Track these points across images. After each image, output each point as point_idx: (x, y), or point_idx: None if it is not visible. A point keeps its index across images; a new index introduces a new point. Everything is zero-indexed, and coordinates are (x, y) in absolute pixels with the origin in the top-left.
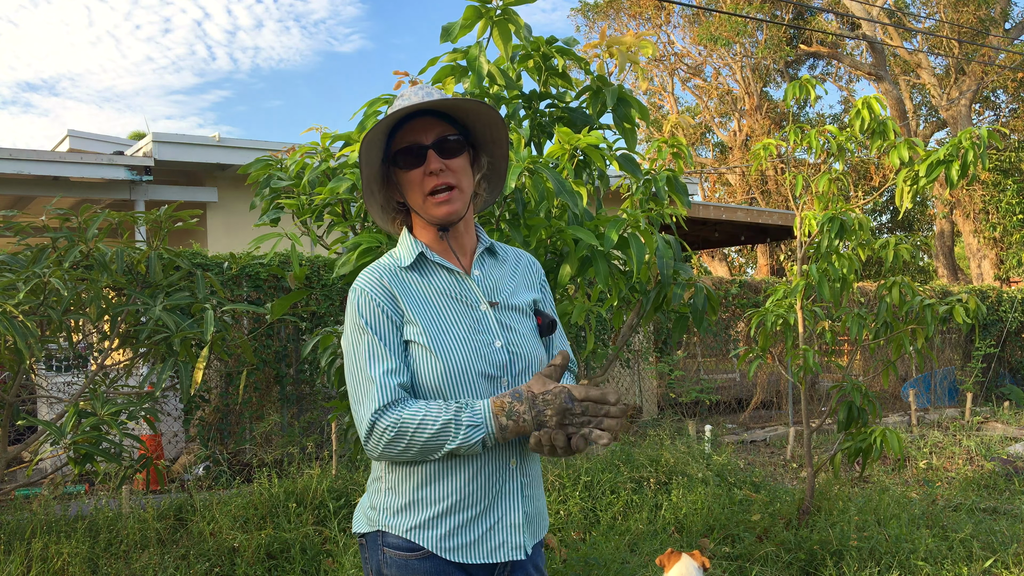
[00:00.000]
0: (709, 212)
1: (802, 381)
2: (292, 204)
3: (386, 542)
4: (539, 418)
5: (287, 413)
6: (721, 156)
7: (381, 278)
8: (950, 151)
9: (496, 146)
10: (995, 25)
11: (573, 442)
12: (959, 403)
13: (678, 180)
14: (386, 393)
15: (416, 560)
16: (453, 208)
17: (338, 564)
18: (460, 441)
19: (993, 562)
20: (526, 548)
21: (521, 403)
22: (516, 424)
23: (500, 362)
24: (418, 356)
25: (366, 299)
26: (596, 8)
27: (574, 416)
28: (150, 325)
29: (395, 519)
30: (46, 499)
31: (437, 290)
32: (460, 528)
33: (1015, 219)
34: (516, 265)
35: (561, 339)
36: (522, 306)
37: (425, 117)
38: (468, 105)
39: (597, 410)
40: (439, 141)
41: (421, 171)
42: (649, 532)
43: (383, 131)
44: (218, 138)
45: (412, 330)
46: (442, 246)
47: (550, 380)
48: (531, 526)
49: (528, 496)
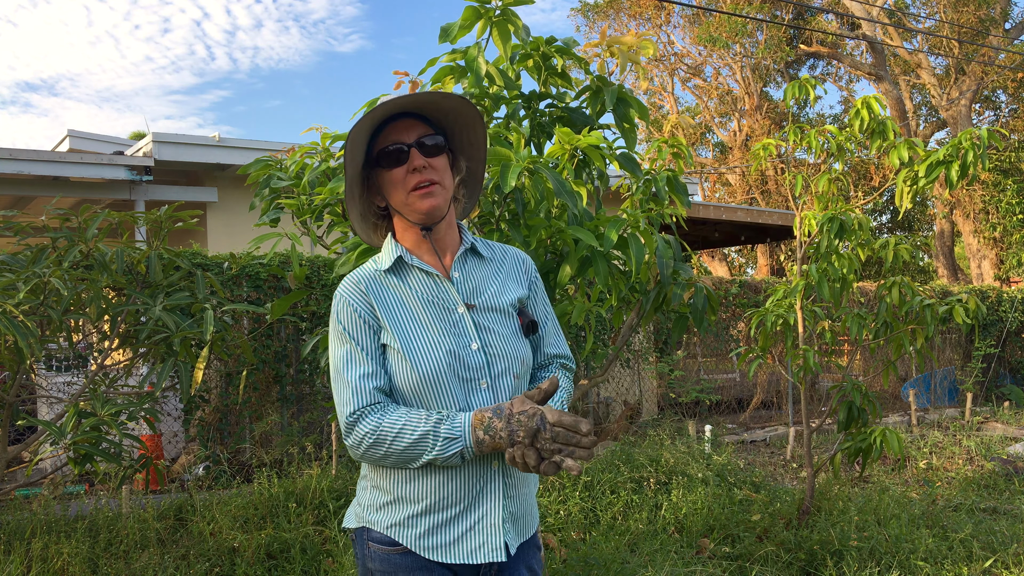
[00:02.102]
0: (709, 212)
1: (802, 381)
2: (292, 204)
3: (371, 536)
4: (512, 437)
5: (287, 413)
6: (721, 156)
7: (359, 283)
8: (950, 151)
9: (474, 149)
10: (995, 25)
11: (543, 466)
12: (959, 403)
13: (678, 180)
14: (362, 397)
15: (397, 555)
16: (436, 202)
17: (338, 564)
18: (437, 453)
19: (993, 562)
20: (509, 549)
21: (500, 420)
22: (492, 440)
23: (476, 364)
24: (393, 361)
25: (344, 305)
26: (596, 8)
27: (545, 440)
28: (150, 325)
29: (377, 515)
30: (46, 499)
31: (414, 293)
32: (438, 528)
33: (1015, 219)
34: (502, 263)
35: (559, 339)
36: (504, 307)
37: (405, 119)
38: (447, 102)
39: (568, 438)
40: (420, 140)
41: (404, 169)
42: (649, 532)
43: (366, 132)
44: (218, 138)
45: (386, 335)
46: (424, 247)
47: (529, 401)
48: (516, 525)
49: (512, 496)
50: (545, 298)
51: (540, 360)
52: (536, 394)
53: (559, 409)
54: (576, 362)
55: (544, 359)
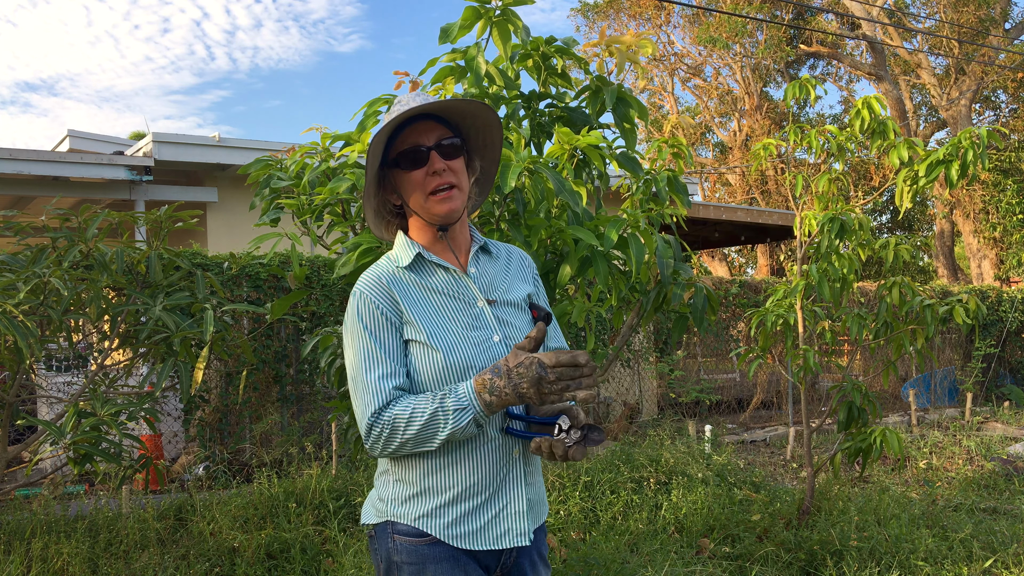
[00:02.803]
0: (709, 212)
1: (802, 381)
2: (292, 204)
3: (396, 530)
4: (517, 390)
5: (287, 413)
6: (721, 156)
7: (380, 280)
8: (950, 151)
9: (488, 150)
10: (995, 25)
11: (571, 451)
12: (959, 403)
13: (678, 180)
14: (380, 397)
15: (425, 546)
16: (454, 205)
17: (338, 564)
18: (452, 426)
19: (993, 562)
20: (530, 534)
21: (500, 378)
22: (499, 399)
23: (499, 356)
24: (419, 354)
25: (365, 303)
26: (596, 8)
27: (550, 384)
28: (150, 325)
29: (403, 508)
30: (46, 499)
31: (435, 289)
32: (466, 516)
33: (1015, 219)
34: (509, 261)
35: (558, 336)
36: (518, 301)
37: (425, 121)
38: (467, 107)
39: (571, 373)
40: (440, 143)
41: (424, 171)
42: (649, 532)
43: (387, 134)
44: (218, 138)
45: (411, 330)
46: (440, 246)
47: (522, 352)
48: (533, 511)
49: (530, 483)
50: (545, 297)
51: None
52: (527, 343)
53: (553, 351)
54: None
55: None
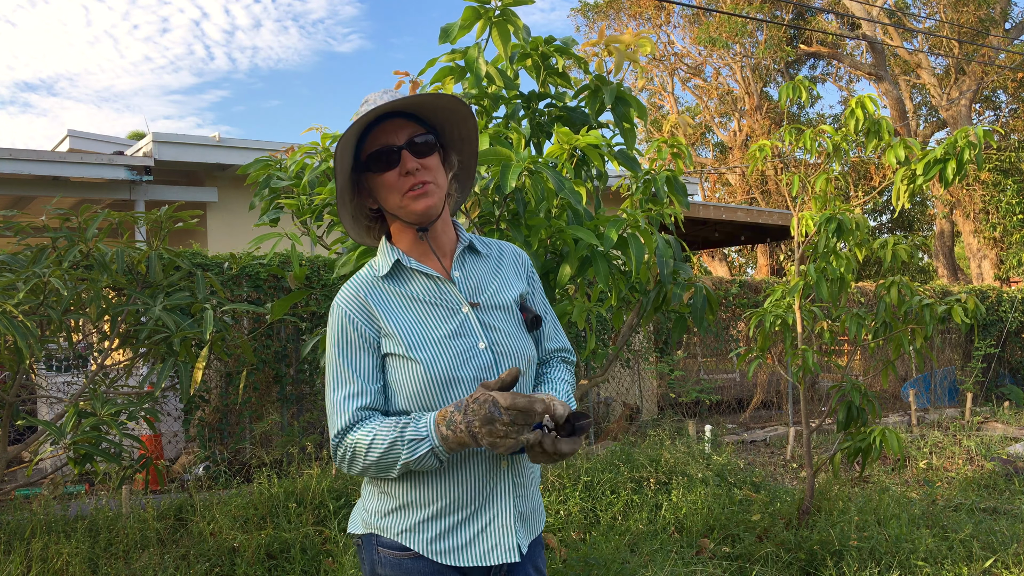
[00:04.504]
0: (709, 212)
1: (801, 381)
2: (292, 204)
3: (380, 542)
4: (471, 428)
5: (287, 413)
6: (721, 156)
7: (358, 292)
8: (946, 149)
9: (465, 143)
10: (995, 25)
11: (560, 445)
12: (959, 403)
13: (677, 180)
14: (344, 418)
15: (409, 560)
16: (431, 201)
17: (338, 564)
18: (407, 457)
19: (993, 562)
20: (520, 549)
21: (459, 411)
22: (455, 434)
23: (485, 364)
24: (399, 368)
25: (339, 318)
26: (596, 8)
27: (504, 426)
28: (150, 325)
29: (385, 521)
30: (46, 499)
31: (416, 297)
32: (449, 531)
33: (1015, 219)
34: (500, 259)
35: (558, 333)
36: (507, 303)
37: (394, 119)
38: (437, 101)
39: (524, 419)
40: (412, 141)
41: (396, 172)
42: (649, 532)
43: (354, 136)
44: (218, 138)
45: (390, 343)
46: (422, 248)
47: (482, 389)
48: (526, 524)
49: (521, 495)
50: (542, 292)
51: (541, 356)
52: (494, 384)
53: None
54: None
55: (545, 354)
